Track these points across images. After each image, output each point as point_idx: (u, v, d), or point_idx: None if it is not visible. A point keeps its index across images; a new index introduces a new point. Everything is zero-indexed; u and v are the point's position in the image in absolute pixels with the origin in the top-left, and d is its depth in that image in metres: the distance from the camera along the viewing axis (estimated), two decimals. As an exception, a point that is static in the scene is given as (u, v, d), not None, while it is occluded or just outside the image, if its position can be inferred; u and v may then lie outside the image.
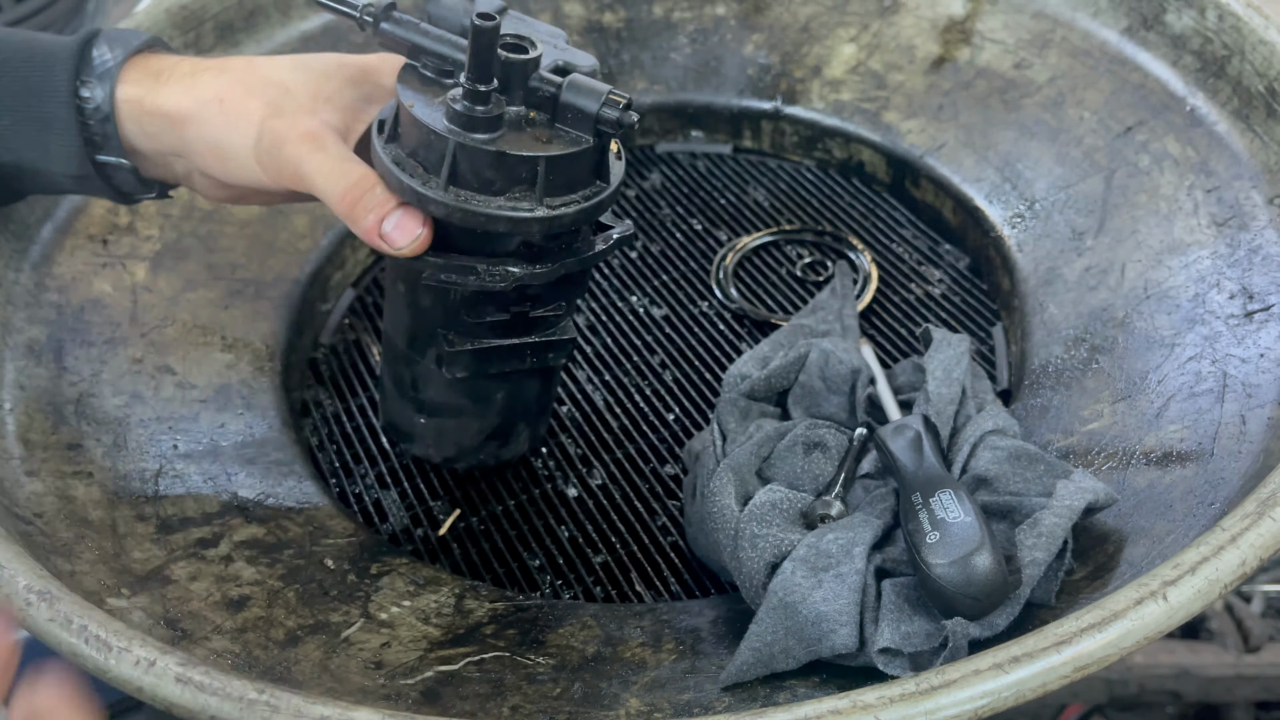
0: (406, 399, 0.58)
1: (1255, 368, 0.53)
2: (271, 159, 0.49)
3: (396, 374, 0.58)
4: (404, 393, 0.58)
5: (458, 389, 0.56)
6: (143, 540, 0.54)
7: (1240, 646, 0.82)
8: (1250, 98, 0.63)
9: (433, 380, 0.56)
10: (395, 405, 0.60)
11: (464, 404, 0.57)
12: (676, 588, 0.58)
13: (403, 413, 0.59)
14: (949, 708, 0.35)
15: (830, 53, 0.86)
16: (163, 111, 0.51)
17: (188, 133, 0.50)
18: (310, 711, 0.38)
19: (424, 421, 0.59)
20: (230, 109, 0.49)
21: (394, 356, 0.58)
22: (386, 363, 0.59)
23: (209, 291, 0.69)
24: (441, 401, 0.57)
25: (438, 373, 0.55)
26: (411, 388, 0.57)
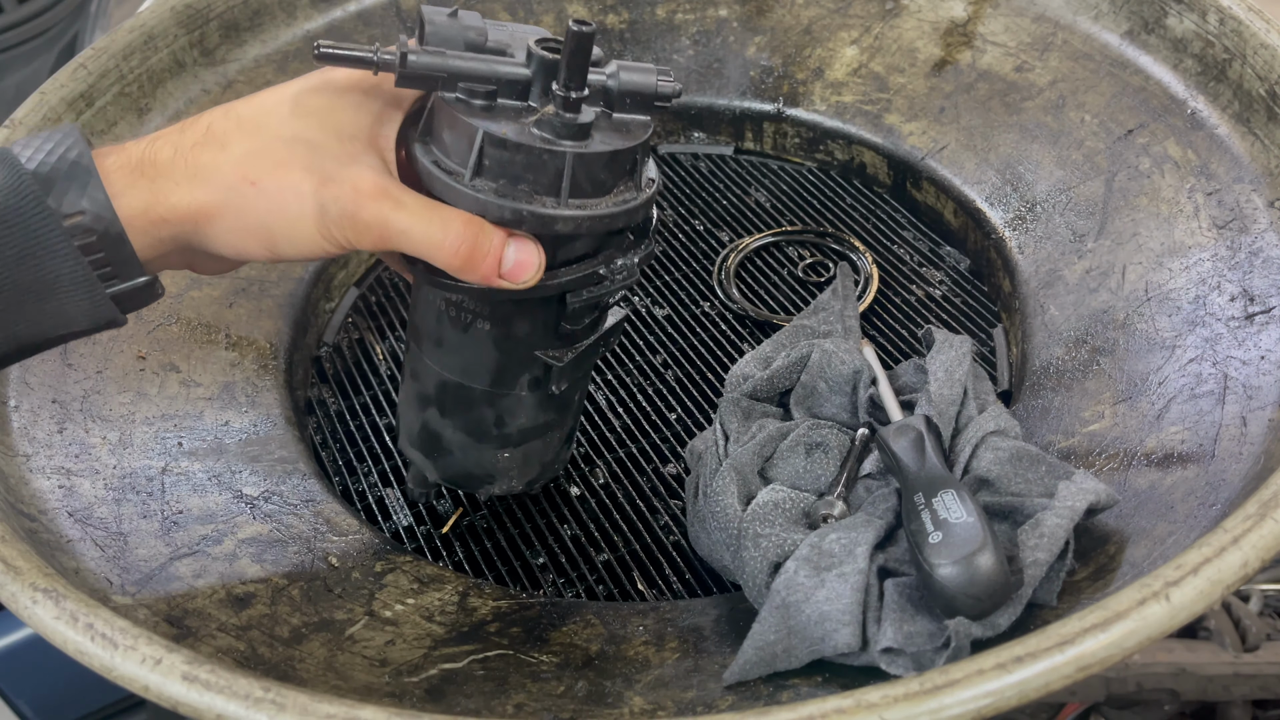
0: (488, 441, 0.54)
1: (1256, 370, 0.53)
2: (348, 229, 0.43)
3: (473, 421, 0.53)
4: (484, 436, 0.54)
5: (551, 405, 0.54)
6: (147, 538, 0.54)
7: (1238, 645, 0.82)
8: (1251, 101, 0.63)
9: (523, 407, 0.53)
10: (468, 456, 0.55)
11: (553, 418, 0.55)
12: (679, 586, 0.58)
13: (481, 458, 0.55)
14: (952, 707, 0.35)
15: (832, 55, 0.86)
16: (180, 214, 0.43)
17: (215, 227, 0.44)
18: (316, 709, 0.38)
19: (508, 455, 0.55)
20: (269, 189, 0.43)
21: (467, 404, 0.53)
22: (452, 415, 0.53)
23: (213, 290, 0.70)
24: (532, 425, 0.54)
25: (529, 398, 0.52)
26: (496, 425, 0.53)
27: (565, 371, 0.51)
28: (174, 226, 0.44)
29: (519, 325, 0.50)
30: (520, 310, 0.49)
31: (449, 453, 0.55)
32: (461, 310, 0.50)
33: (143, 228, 0.43)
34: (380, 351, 0.75)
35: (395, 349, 0.75)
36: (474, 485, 0.57)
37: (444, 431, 0.54)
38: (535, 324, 0.50)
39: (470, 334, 0.50)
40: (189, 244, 0.45)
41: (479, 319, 0.50)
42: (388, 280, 0.81)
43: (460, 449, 0.55)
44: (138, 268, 0.44)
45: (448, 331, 0.51)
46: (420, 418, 0.55)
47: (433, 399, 0.53)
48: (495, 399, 0.52)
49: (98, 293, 0.43)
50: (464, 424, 0.54)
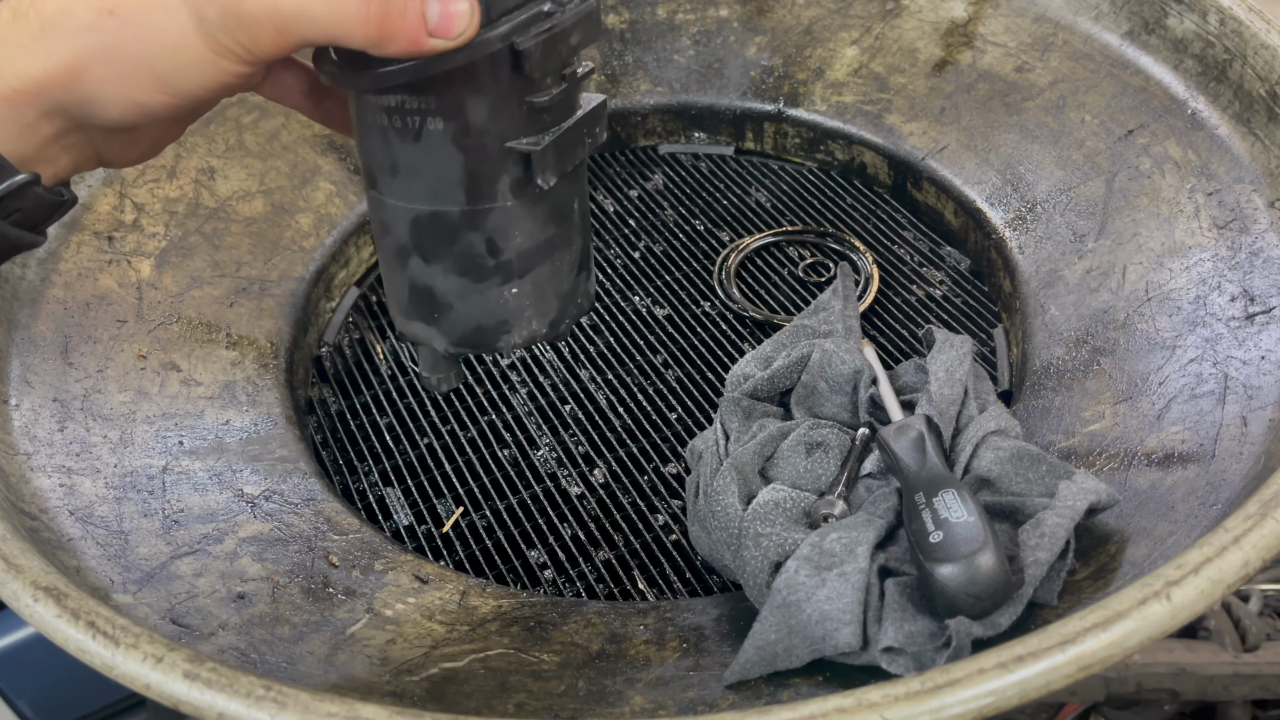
0: (487, 278, 0.46)
1: (1256, 370, 0.53)
2: (236, 30, 0.36)
3: (463, 256, 0.45)
4: (481, 272, 0.46)
5: (548, 214, 0.46)
6: (148, 536, 0.54)
7: (1238, 645, 0.83)
8: (1251, 101, 0.63)
9: (514, 221, 0.45)
10: (471, 304, 0.47)
11: (555, 233, 0.47)
12: (679, 586, 0.58)
13: (486, 302, 0.47)
14: (953, 706, 0.35)
15: (833, 55, 0.86)
16: (40, 81, 0.37)
17: (89, 84, 0.37)
18: (317, 708, 0.38)
19: (515, 290, 0.46)
20: (131, 13, 0.36)
21: (449, 235, 0.45)
22: (438, 256, 0.45)
23: (214, 289, 0.70)
24: (532, 245, 0.46)
25: (517, 208, 0.44)
26: (490, 253, 0.45)
27: (549, 161, 0.43)
28: (41, 100, 0.37)
29: (475, 110, 0.41)
30: (470, 89, 0.41)
31: (449, 307, 0.47)
32: (405, 115, 0.42)
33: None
34: (381, 351, 0.75)
35: (396, 348, 0.75)
36: (491, 341, 0.48)
37: (435, 281, 0.46)
38: (494, 105, 0.42)
39: (424, 142, 0.42)
40: (73, 120, 0.38)
41: (428, 117, 0.42)
42: (388, 280, 0.81)
43: (459, 297, 0.46)
44: (8, 166, 0.37)
45: (399, 150, 0.43)
46: (405, 278, 0.46)
47: (410, 246, 0.45)
48: (478, 218, 0.44)
49: None
50: (454, 263, 0.45)
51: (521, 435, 0.68)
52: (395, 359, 0.74)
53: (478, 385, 0.72)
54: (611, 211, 0.86)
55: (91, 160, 0.41)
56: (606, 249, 0.82)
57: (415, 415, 0.70)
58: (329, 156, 0.80)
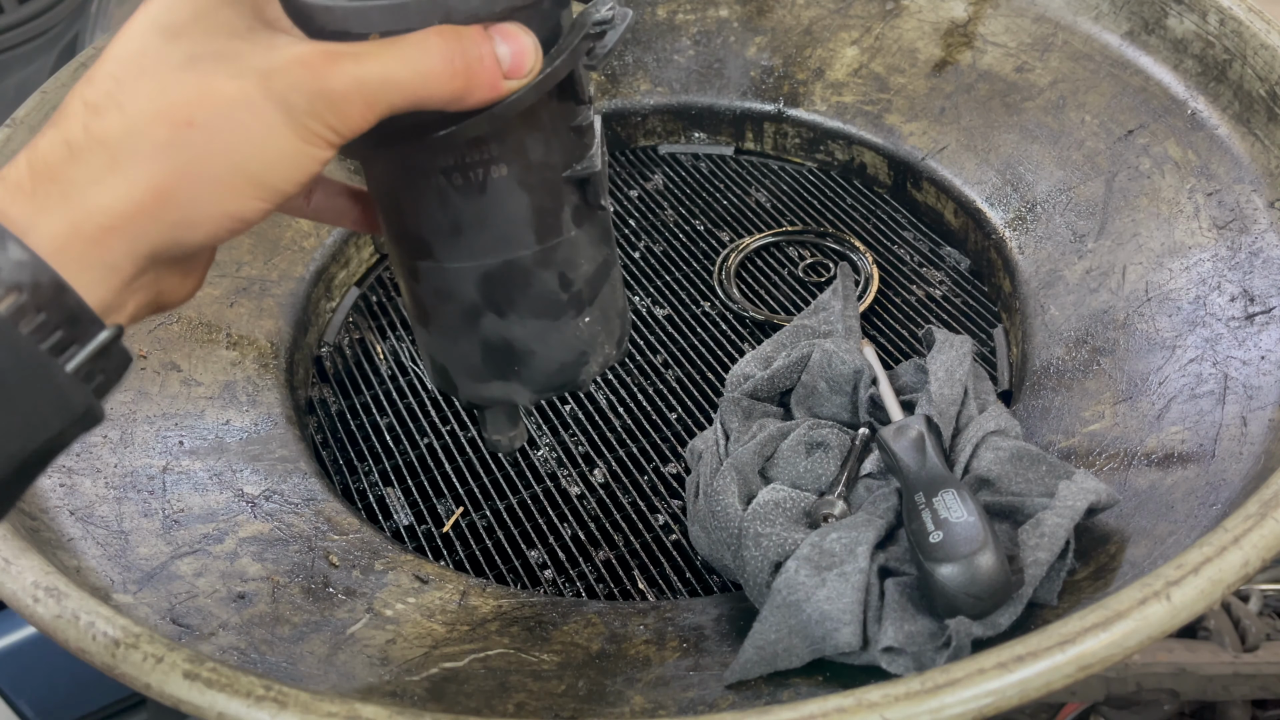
0: (564, 313, 0.45)
1: (1256, 370, 0.53)
2: (325, 110, 0.33)
3: (539, 298, 0.44)
4: (558, 309, 0.44)
5: (599, 233, 0.45)
6: (148, 536, 0.54)
7: (1237, 645, 0.82)
8: (1251, 101, 0.63)
9: (579, 249, 0.44)
10: (551, 345, 0.45)
11: (608, 252, 0.46)
12: (679, 586, 0.58)
13: (564, 338, 0.45)
14: (953, 706, 0.35)
15: (833, 55, 0.86)
16: (123, 213, 0.32)
17: (179, 206, 0.33)
18: (317, 707, 0.38)
19: (588, 319, 0.45)
20: (211, 120, 0.33)
21: (523, 280, 0.43)
22: (514, 306, 0.43)
23: (214, 289, 0.70)
24: (595, 268, 0.45)
25: (580, 235, 0.44)
26: (563, 287, 0.44)
27: (603, 181, 0.43)
28: (128, 235, 0.33)
29: (534, 147, 0.41)
30: (528, 126, 0.40)
31: (530, 355, 0.45)
32: (466, 170, 0.40)
33: (80, 256, 0.32)
34: (381, 351, 0.75)
35: (396, 348, 0.75)
36: (574, 377, 0.46)
37: (512, 332, 0.44)
38: (548, 137, 0.41)
39: (490, 191, 0.41)
40: (157, 253, 0.34)
41: (491, 166, 0.40)
42: (388, 280, 0.81)
43: (539, 341, 0.45)
44: (93, 319, 0.32)
45: (462, 208, 0.41)
46: (477, 340, 0.44)
47: (482, 304, 0.43)
48: (549, 255, 0.43)
49: (57, 374, 0.31)
50: (530, 307, 0.44)
51: (521, 435, 0.68)
52: (395, 359, 0.74)
53: (478, 385, 0.72)
54: (611, 211, 0.86)
55: (153, 304, 0.37)
56: (606, 249, 0.82)
57: (415, 415, 0.70)
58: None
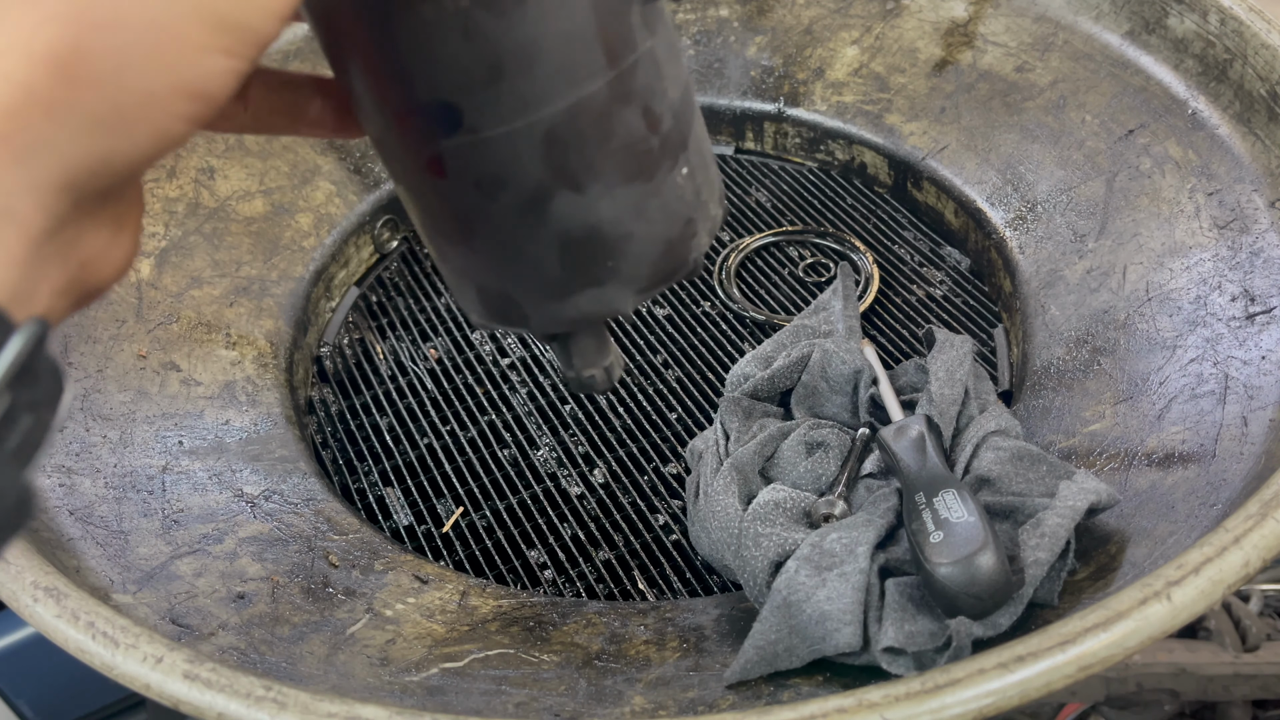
0: (659, 166, 0.32)
1: (1257, 370, 0.53)
2: None
3: (626, 146, 0.31)
4: (650, 162, 0.32)
5: (672, 38, 0.32)
6: (148, 536, 0.54)
7: (1238, 645, 0.82)
8: (1252, 101, 0.63)
9: (659, 63, 0.31)
10: (653, 218, 0.32)
11: (682, 67, 0.33)
12: (679, 586, 0.58)
13: (666, 204, 0.33)
14: (954, 706, 0.35)
15: (833, 55, 0.86)
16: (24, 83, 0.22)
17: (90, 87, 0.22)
18: (317, 708, 0.38)
19: (686, 169, 0.33)
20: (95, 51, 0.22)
21: (603, 124, 0.30)
22: (597, 168, 0.31)
23: (214, 289, 0.70)
24: (678, 92, 0.33)
25: (656, 45, 0.31)
26: (650, 126, 0.31)
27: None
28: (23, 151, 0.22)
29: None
30: None
31: (627, 238, 0.32)
32: None
33: None
34: (381, 351, 0.75)
35: (396, 348, 0.75)
36: (684, 255, 0.34)
37: (600, 212, 0.31)
38: None
39: (538, 4, 0.28)
40: (70, 181, 0.23)
41: None
42: (388, 280, 0.81)
43: (637, 215, 0.32)
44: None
45: (500, 34, 0.28)
46: (552, 238, 0.31)
47: (550, 179, 0.30)
48: (628, 82, 0.30)
49: None
50: (618, 167, 0.31)
51: (521, 435, 0.68)
52: (395, 359, 0.74)
53: (478, 385, 0.72)
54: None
55: (75, 285, 0.25)
56: (606, 249, 0.82)
57: (415, 415, 0.70)
58: (329, 156, 0.80)
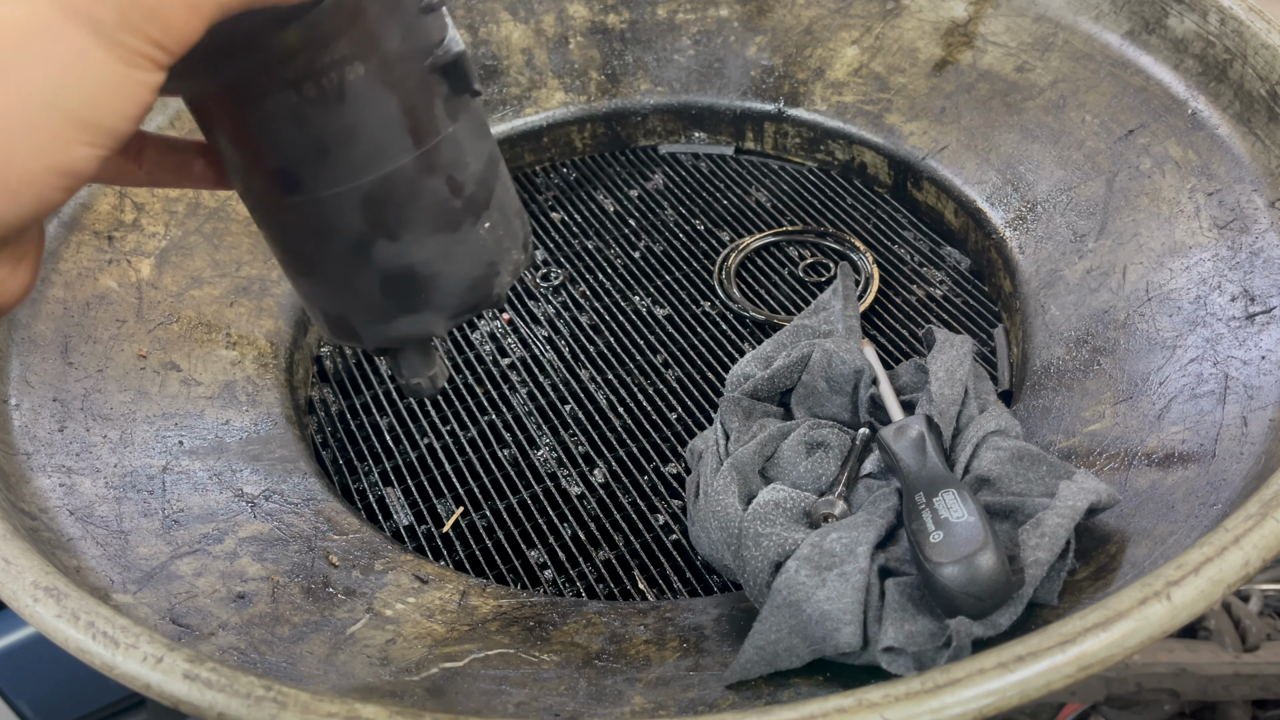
0: (462, 222, 0.40)
1: (1257, 370, 0.53)
2: (141, 20, 0.28)
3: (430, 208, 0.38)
4: (454, 219, 0.39)
5: (476, 124, 0.40)
6: (148, 536, 0.54)
7: (1238, 645, 0.83)
8: (1252, 101, 0.63)
9: (461, 143, 0.39)
10: (457, 260, 0.40)
11: (487, 144, 0.41)
12: (679, 586, 0.58)
13: (469, 250, 0.40)
14: (954, 706, 0.35)
15: (833, 55, 0.86)
16: None
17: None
18: (317, 708, 0.38)
19: (489, 223, 0.41)
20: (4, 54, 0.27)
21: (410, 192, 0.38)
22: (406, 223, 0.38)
23: (214, 289, 0.70)
24: (480, 164, 0.40)
25: (459, 129, 0.39)
26: (454, 192, 0.39)
27: (469, 60, 0.38)
28: None
29: (389, 35, 0.36)
30: (377, 11, 0.35)
31: (436, 277, 0.40)
32: (319, 76, 0.35)
33: None
34: (381, 351, 0.75)
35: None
36: (488, 290, 0.42)
37: (413, 256, 0.39)
38: (401, 21, 0.36)
39: (351, 96, 0.36)
40: None
41: (347, 66, 0.35)
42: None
43: (444, 259, 0.40)
44: None
45: (324, 121, 0.36)
46: (373, 274, 0.39)
47: (370, 232, 0.38)
48: (432, 159, 0.38)
49: None
50: (426, 222, 0.39)
51: (521, 435, 0.68)
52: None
53: (478, 385, 0.72)
54: (611, 211, 0.86)
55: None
56: (606, 249, 0.82)
57: (415, 415, 0.70)
58: (329, 156, 0.80)
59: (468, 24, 0.89)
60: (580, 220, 0.86)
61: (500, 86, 0.89)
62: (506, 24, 0.89)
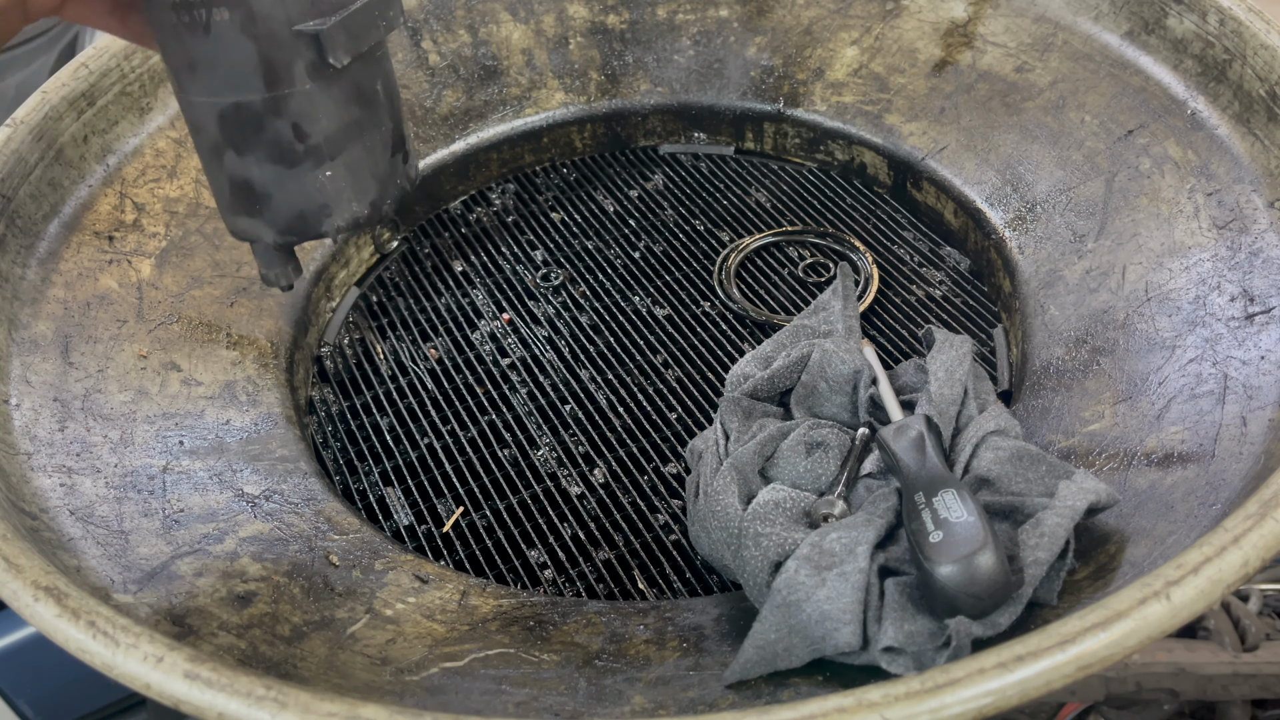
0: (300, 163, 0.48)
1: (1256, 370, 0.53)
2: None
3: (273, 143, 0.48)
4: (293, 158, 0.48)
5: (344, 94, 0.48)
6: (148, 536, 0.54)
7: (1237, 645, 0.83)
8: (1251, 101, 0.63)
9: (316, 105, 0.47)
10: (289, 191, 0.49)
11: (359, 113, 0.49)
12: (679, 585, 0.58)
13: (303, 188, 0.49)
14: (953, 706, 0.35)
15: (833, 55, 0.86)
16: None
17: None
18: (317, 708, 0.38)
19: (330, 173, 0.49)
20: None
21: (255, 124, 0.47)
22: (249, 146, 0.48)
23: (214, 289, 0.70)
24: (338, 128, 0.48)
25: (316, 91, 0.47)
26: (299, 138, 0.48)
27: (340, 41, 0.46)
28: None
29: None
30: None
31: (269, 197, 0.49)
32: (191, 9, 0.44)
33: None
34: (381, 351, 0.75)
35: (396, 348, 0.75)
36: (315, 226, 0.50)
37: (251, 173, 0.48)
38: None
39: (214, 34, 0.45)
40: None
41: (213, 9, 0.44)
42: (388, 280, 0.81)
43: (277, 186, 0.49)
44: None
45: (192, 46, 0.45)
46: (224, 174, 0.49)
47: (222, 141, 0.48)
48: (280, 104, 0.47)
49: None
50: (265, 152, 0.48)
51: (521, 435, 0.68)
52: (395, 359, 0.74)
53: (478, 385, 0.72)
54: (611, 211, 0.86)
55: None
56: (606, 249, 0.83)
57: (415, 415, 0.70)
58: (329, 156, 0.80)
59: (468, 24, 0.89)
60: (580, 220, 0.86)
61: (500, 87, 0.89)
62: (506, 24, 0.89)
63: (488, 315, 0.77)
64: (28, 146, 0.65)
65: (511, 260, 0.82)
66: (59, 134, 0.67)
